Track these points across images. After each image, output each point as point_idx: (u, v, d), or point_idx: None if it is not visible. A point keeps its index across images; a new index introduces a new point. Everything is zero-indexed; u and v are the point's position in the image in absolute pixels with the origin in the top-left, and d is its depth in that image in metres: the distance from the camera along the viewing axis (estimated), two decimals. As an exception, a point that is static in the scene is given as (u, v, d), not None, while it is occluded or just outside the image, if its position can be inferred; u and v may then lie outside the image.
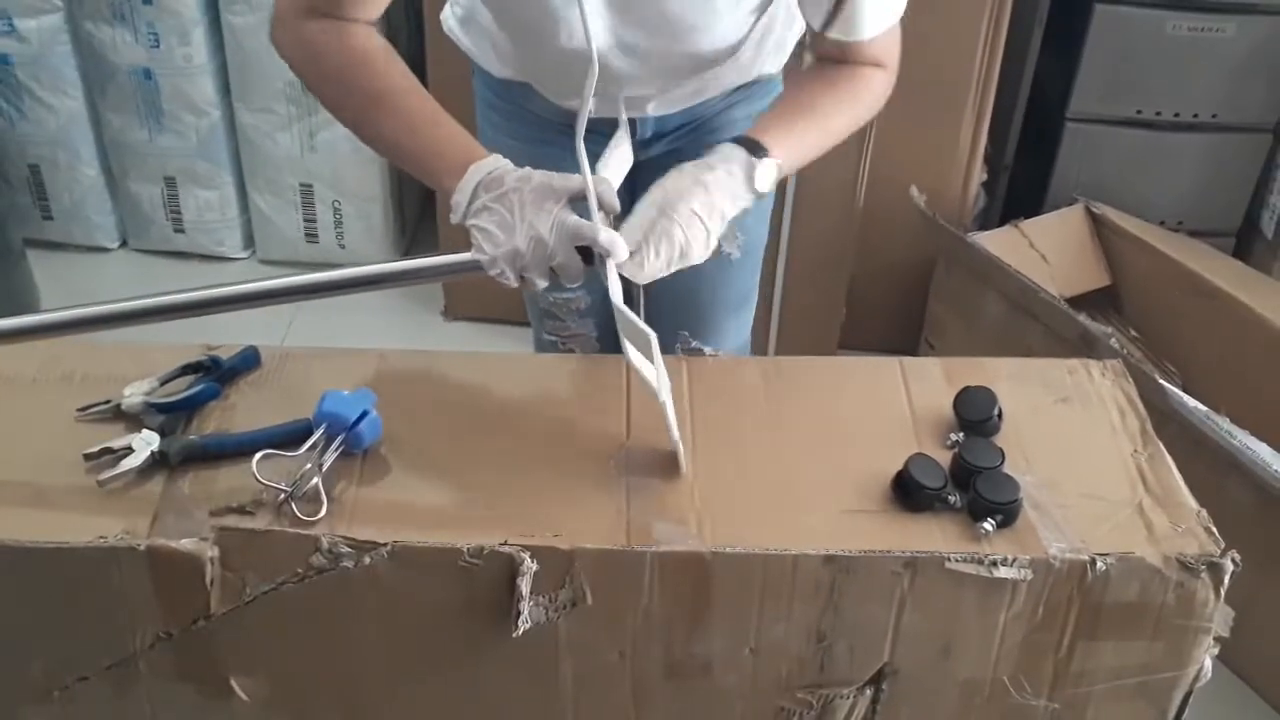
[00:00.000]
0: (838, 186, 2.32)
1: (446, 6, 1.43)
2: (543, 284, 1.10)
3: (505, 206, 1.08)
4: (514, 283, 1.10)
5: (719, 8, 1.22)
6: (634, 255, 1.09)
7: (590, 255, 1.09)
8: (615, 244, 1.08)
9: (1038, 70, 2.51)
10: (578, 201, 1.09)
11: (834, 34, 1.21)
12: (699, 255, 1.12)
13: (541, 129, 1.31)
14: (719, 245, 1.17)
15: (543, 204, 1.08)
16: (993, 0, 2.24)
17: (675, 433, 1.05)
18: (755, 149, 1.16)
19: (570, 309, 1.59)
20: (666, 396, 1.04)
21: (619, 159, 1.18)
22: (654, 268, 1.10)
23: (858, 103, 1.26)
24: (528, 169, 1.11)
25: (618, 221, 1.12)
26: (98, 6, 2.55)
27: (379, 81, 1.17)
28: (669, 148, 1.43)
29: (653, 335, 1.03)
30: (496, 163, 1.12)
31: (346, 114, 1.20)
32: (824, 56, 1.26)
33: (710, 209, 1.12)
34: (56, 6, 2.58)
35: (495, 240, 1.08)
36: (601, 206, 1.09)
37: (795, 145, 1.20)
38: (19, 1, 2.57)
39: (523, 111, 1.14)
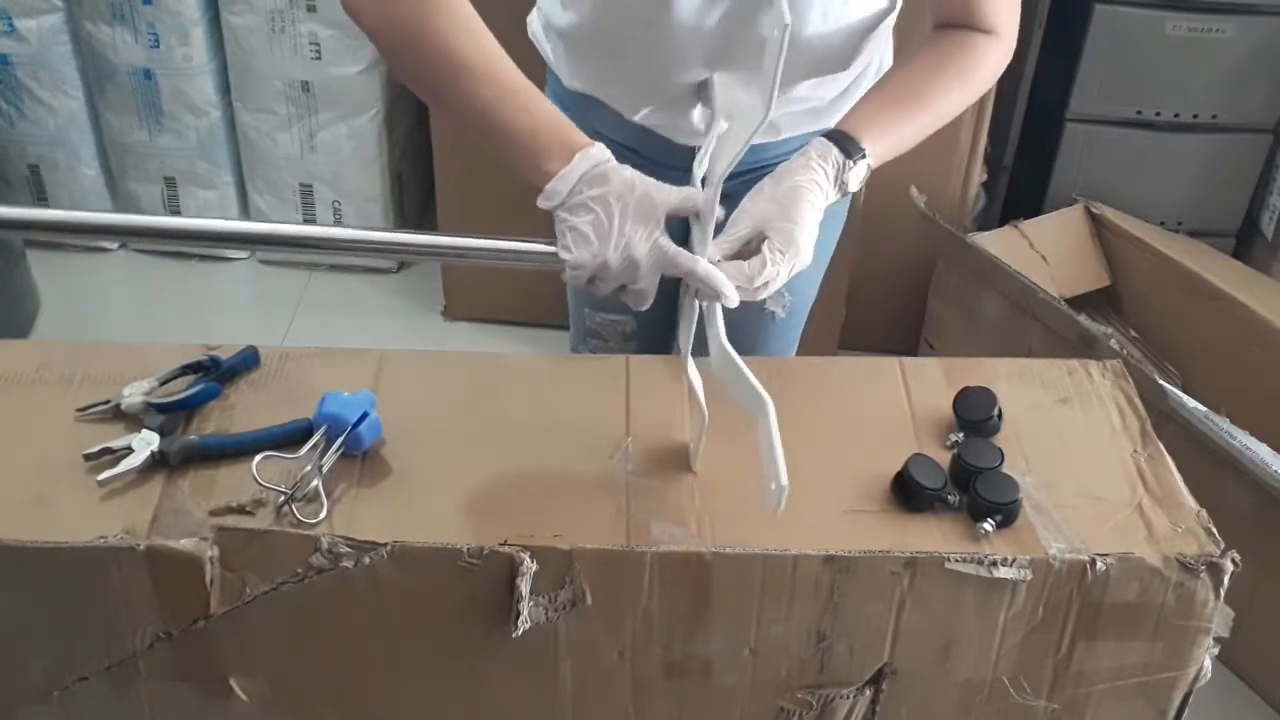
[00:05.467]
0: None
1: (533, 11, 1.40)
2: (605, 293, 1.06)
3: (604, 211, 1.03)
4: (583, 284, 1.06)
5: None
6: (752, 266, 1.04)
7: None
8: (712, 279, 1.02)
9: (1038, 70, 2.51)
10: (672, 220, 1.04)
11: None
12: (807, 261, 1.07)
13: None
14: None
15: (644, 221, 1.02)
16: (993, 0, 2.24)
17: (783, 476, 0.94)
18: (850, 147, 1.12)
19: (616, 331, 1.55)
20: (777, 459, 0.94)
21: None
22: (778, 279, 1.05)
23: (968, 81, 1.21)
24: (632, 171, 1.05)
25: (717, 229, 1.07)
26: (98, 6, 2.55)
27: (470, 48, 1.09)
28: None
29: (768, 402, 0.96)
30: (602, 154, 1.06)
31: (427, 79, 1.13)
32: (942, 22, 1.22)
33: (817, 211, 1.08)
34: (56, 6, 2.58)
35: (588, 245, 1.03)
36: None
37: (892, 137, 1.16)
38: (19, 1, 2.57)
39: (580, 126, 1.11)
